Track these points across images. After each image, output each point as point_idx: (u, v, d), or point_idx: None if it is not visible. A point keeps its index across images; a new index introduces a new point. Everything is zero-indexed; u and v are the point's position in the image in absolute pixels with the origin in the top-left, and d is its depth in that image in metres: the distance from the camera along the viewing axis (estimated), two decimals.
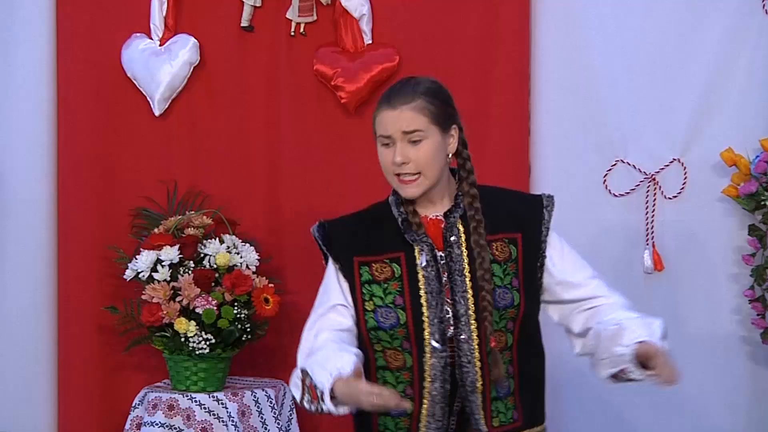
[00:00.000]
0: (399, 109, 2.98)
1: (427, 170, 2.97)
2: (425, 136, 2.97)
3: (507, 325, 2.99)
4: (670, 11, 4.52)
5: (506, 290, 2.99)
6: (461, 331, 2.95)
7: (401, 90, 3.02)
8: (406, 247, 3.01)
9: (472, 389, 2.96)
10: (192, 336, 4.31)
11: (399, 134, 2.97)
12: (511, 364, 3.02)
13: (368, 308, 3.01)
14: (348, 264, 3.06)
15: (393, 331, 2.99)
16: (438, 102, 3.00)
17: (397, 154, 2.96)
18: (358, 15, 4.63)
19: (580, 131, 4.58)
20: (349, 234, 3.09)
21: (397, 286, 3.00)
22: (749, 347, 4.48)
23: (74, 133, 4.82)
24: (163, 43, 4.76)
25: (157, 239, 4.43)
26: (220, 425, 4.31)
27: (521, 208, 3.08)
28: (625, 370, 2.91)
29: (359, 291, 3.03)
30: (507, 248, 3.01)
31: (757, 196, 4.31)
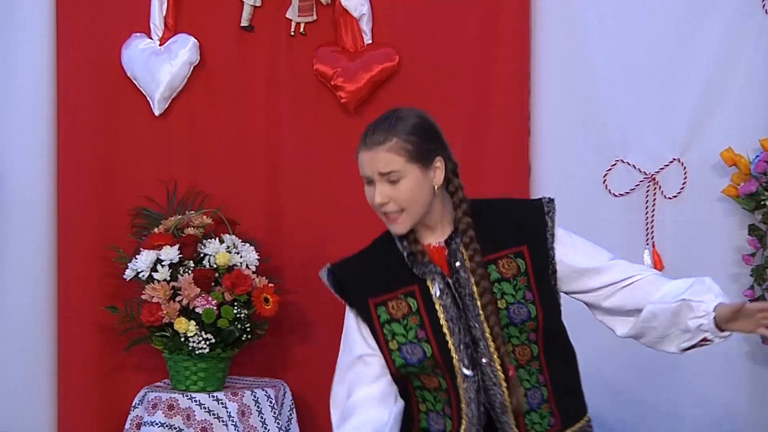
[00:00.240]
0: (374, 150, 2.93)
1: (409, 207, 2.94)
2: (403, 175, 2.92)
3: (529, 337, 2.97)
4: (670, 11, 4.52)
5: (521, 305, 2.96)
6: (482, 355, 2.94)
7: (376, 130, 2.96)
8: (417, 279, 2.99)
9: (502, 411, 2.95)
10: (192, 336, 4.31)
11: (376, 175, 2.94)
12: (541, 373, 3.00)
13: (393, 348, 2.98)
14: (364, 308, 3.02)
15: (422, 365, 2.97)
16: (416, 138, 2.94)
17: (376, 195, 2.93)
18: (357, 15, 4.63)
19: (580, 131, 4.58)
20: (359, 276, 3.05)
21: (416, 321, 2.97)
22: (749, 348, 4.48)
23: (74, 132, 4.82)
24: (163, 43, 4.76)
25: (157, 239, 4.43)
26: (219, 425, 4.31)
27: (523, 218, 3.03)
28: (705, 338, 2.96)
29: (380, 332, 3.00)
30: (514, 263, 2.98)
31: (757, 195, 4.31)
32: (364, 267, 3.06)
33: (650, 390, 4.52)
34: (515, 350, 2.97)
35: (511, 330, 2.95)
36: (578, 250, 3.04)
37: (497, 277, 2.97)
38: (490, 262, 2.97)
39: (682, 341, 2.99)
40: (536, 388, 3.00)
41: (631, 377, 4.52)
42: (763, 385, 4.47)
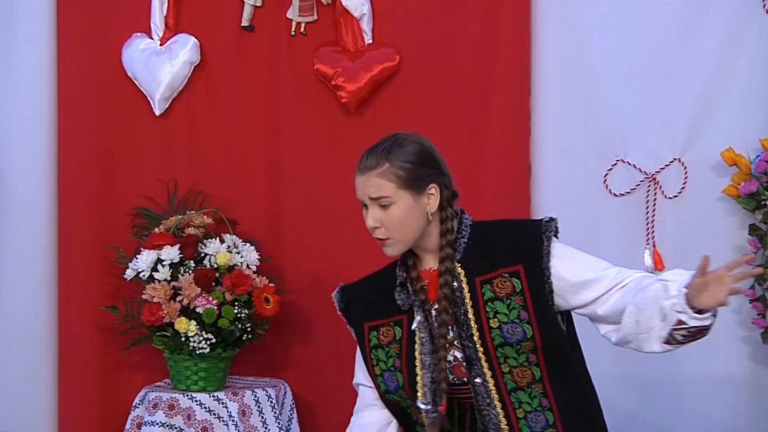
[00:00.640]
0: (366, 175, 2.98)
1: (397, 234, 2.96)
2: (393, 201, 2.95)
3: (528, 358, 2.96)
4: (670, 11, 4.52)
5: (515, 325, 2.95)
6: (476, 374, 2.95)
7: (370, 155, 2.99)
8: (408, 310, 3.03)
9: (496, 429, 2.96)
10: (192, 335, 4.31)
11: (367, 200, 2.98)
12: (545, 397, 2.98)
13: (377, 372, 3.06)
14: (360, 330, 3.10)
15: (398, 393, 3.03)
16: (410, 165, 2.96)
17: (368, 218, 2.98)
18: (358, 14, 4.63)
19: (580, 131, 4.58)
20: (363, 299, 3.12)
21: (396, 349, 3.03)
22: (749, 347, 4.48)
23: (75, 132, 4.82)
24: (163, 43, 4.76)
25: (157, 239, 4.43)
26: (220, 425, 4.31)
27: (520, 239, 3.02)
28: (681, 321, 2.81)
29: (369, 356, 3.08)
30: (509, 282, 2.97)
31: (758, 195, 4.31)
32: (369, 291, 3.12)
33: (649, 390, 4.52)
34: (513, 371, 2.96)
35: (506, 350, 2.95)
36: (575, 263, 3.00)
37: (491, 296, 2.97)
38: (485, 282, 2.98)
39: (661, 329, 2.85)
40: (538, 412, 2.98)
41: (630, 378, 4.52)
42: (763, 385, 4.47)
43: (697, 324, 2.82)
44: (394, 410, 3.12)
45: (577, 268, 2.99)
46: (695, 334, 2.85)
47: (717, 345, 4.47)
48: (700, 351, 4.44)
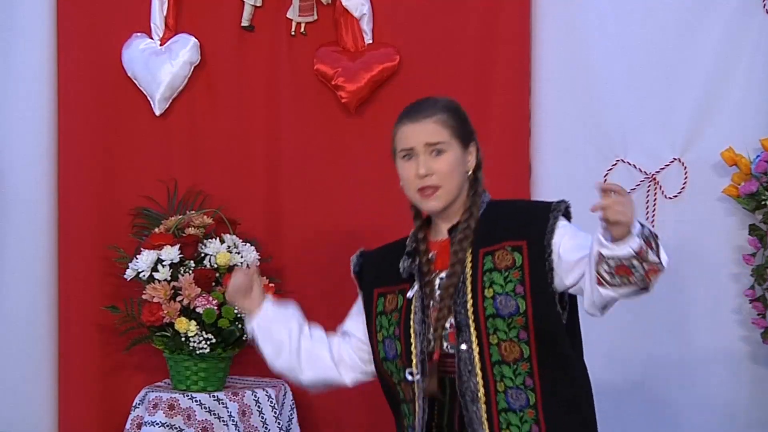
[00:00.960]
0: (421, 122, 3.03)
1: (447, 182, 3.01)
2: (447, 148, 3.01)
3: (519, 335, 2.95)
4: (670, 11, 4.52)
5: (509, 297, 2.96)
6: (463, 340, 2.95)
7: (421, 105, 3.07)
8: (412, 279, 3.06)
9: (472, 398, 2.95)
10: (192, 336, 4.31)
11: (422, 146, 3.01)
12: (530, 376, 2.96)
13: (379, 339, 3.09)
14: (369, 296, 3.14)
15: (395, 362, 3.04)
16: (458, 118, 3.05)
17: (420, 166, 3.00)
18: (358, 14, 4.63)
19: (580, 131, 4.58)
20: (376, 265, 3.17)
21: (396, 317, 3.05)
22: (750, 347, 4.48)
23: (75, 132, 4.82)
24: (163, 43, 4.76)
25: (157, 239, 4.43)
26: (220, 425, 4.31)
27: (528, 216, 3.05)
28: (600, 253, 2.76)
29: (374, 322, 3.10)
30: (510, 256, 2.99)
31: (758, 195, 4.31)
32: (384, 258, 3.15)
33: (649, 390, 4.53)
34: (501, 344, 2.96)
35: (497, 322, 2.95)
36: (572, 242, 2.98)
37: (490, 266, 2.99)
38: (488, 253, 3.00)
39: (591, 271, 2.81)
40: (520, 390, 2.96)
41: (630, 378, 4.52)
42: (763, 385, 4.47)
43: (609, 253, 2.76)
44: (387, 388, 3.13)
45: (572, 247, 2.97)
46: (617, 271, 2.78)
47: (717, 345, 4.47)
48: (699, 350, 4.47)
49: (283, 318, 3.23)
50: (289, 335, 3.20)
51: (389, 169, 4.61)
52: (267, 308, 3.22)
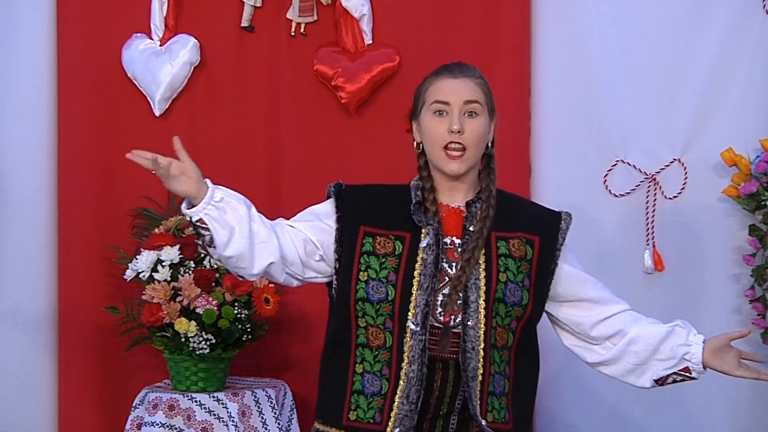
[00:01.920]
0: (462, 80, 3.02)
1: (473, 147, 2.99)
2: (481, 112, 3.02)
3: (511, 324, 3.00)
4: (670, 11, 4.52)
5: (518, 287, 2.99)
6: (469, 317, 2.95)
7: (461, 65, 3.07)
8: (414, 229, 3.01)
9: (473, 375, 2.95)
10: (192, 336, 4.31)
11: (459, 103, 2.99)
12: (508, 365, 3.02)
13: (361, 278, 3.00)
14: (352, 230, 3.04)
15: (379, 306, 2.98)
16: (489, 89, 3.07)
17: (454, 123, 2.97)
18: (358, 15, 4.63)
19: (580, 131, 4.58)
20: (364, 202, 3.08)
21: (394, 263, 2.99)
22: (749, 347, 4.46)
23: (75, 133, 4.82)
24: (163, 44, 4.76)
25: (157, 239, 4.43)
26: (220, 425, 4.31)
27: (541, 216, 3.11)
28: (687, 369, 3.06)
29: (357, 260, 3.02)
30: (524, 247, 3.03)
31: (758, 196, 4.31)
32: (372, 197, 3.09)
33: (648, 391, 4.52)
34: (497, 329, 2.99)
35: (500, 307, 2.98)
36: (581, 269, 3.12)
37: (505, 252, 3.01)
38: (502, 238, 3.01)
39: (661, 369, 3.08)
40: (501, 376, 3.01)
41: None
42: (763, 386, 4.47)
43: (695, 376, 3.09)
44: (340, 324, 3.04)
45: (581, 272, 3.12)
46: (683, 380, 3.12)
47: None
48: None
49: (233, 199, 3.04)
50: (240, 219, 2.98)
51: (390, 169, 4.61)
52: (214, 190, 3.02)
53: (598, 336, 3.11)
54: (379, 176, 4.59)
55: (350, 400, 3.02)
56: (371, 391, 2.99)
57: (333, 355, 3.06)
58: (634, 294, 4.48)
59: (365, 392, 2.99)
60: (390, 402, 2.96)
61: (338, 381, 3.02)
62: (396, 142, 3.27)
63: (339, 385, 3.02)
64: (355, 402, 3.01)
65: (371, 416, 2.98)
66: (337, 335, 3.05)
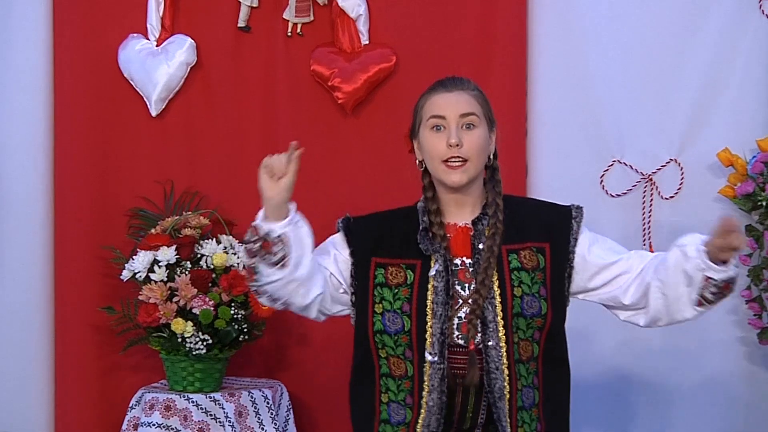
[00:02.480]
0: (457, 93, 3.03)
1: (474, 158, 2.99)
2: (478, 123, 3.01)
3: (534, 335, 2.99)
4: (666, 12, 4.52)
5: (534, 298, 2.98)
6: (489, 337, 2.95)
7: (455, 79, 3.07)
8: (423, 256, 3.01)
9: (500, 395, 2.96)
10: (189, 336, 4.31)
11: (455, 117, 3.00)
12: (536, 376, 3.01)
13: (377, 311, 3.02)
14: (365, 262, 3.05)
15: (397, 337, 2.99)
16: (486, 100, 3.07)
17: (452, 136, 2.97)
18: (354, 15, 4.63)
19: (576, 132, 4.58)
20: (372, 233, 3.08)
21: (407, 293, 3.00)
22: (746, 348, 4.48)
23: (71, 133, 4.81)
24: (159, 44, 4.76)
25: (153, 240, 4.43)
26: (217, 426, 4.31)
27: (550, 218, 3.08)
28: (708, 277, 2.92)
29: (371, 292, 3.03)
30: (535, 257, 3.01)
31: (754, 196, 4.31)
32: (381, 227, 3.09)
33: (646, 389, 4.52)
34: (520, 343, 2.98)
35: (519, 321, 2.97)
36: (599, 246, 3.08)
37: (517, 265, 3.00)
38: (512, 251, 3.00)
39: (691, 293, 2.95)
40: (530, 388, 3.00)
41: (625, 378, 4.52)
42: (759, 386, 4.48)
43: (723, 276, 2.92)
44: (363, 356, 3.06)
45: (600, 251, 3.07)
46: (723, 289, 2.94)
47: (713, 346, 4.48)
48: (696, 351, 4.47)
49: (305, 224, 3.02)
50: (309, 245, 2.97)
51: (386, 170, 4.64)
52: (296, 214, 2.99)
53: (634, 301, 3.04)
54: (375, 176, 4.64)
55: (378, 429, 3.06)
56: (396, 420, 3.02)
57: (360, 384, 3.10)
58: None
59: (391, 421, 3.03)
60: (413, 431, 2.99)
61: (367, 409, 3.06)
62: (392, 143, 3.28)
63: (368, 415, 3.07)
64: (383, 430, 3.05)
65: None
66: (363, 364, 3.08)
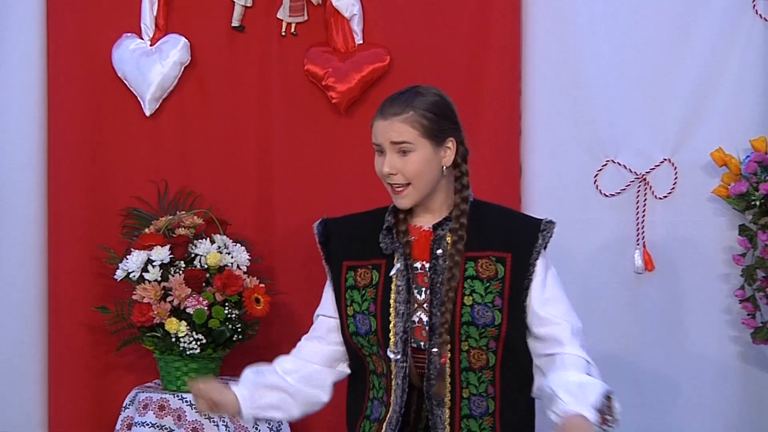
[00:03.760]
0: (389, 120, 3.00)
1: (416, 181, 3.00)
2: (413, 148, 2.99)
3: (488, 344, 2.99)
4: (660, 11, 4.52)
5: (486, 308, 2.98)
6: (435, 344, 2.96)
7: (395, 101, 3.03)
8: (388, 256, 3.04)
9: (438, 403, 2.97)
10: (183, 336, 4.31)
11: (388, 144, 3.00)
12: (492, 385, 3.02)
13: (349, 313, 3.06)
14: (337, 267, 3.10)
15: (368, 338, 3.03)
16: (432, 116, 3.01)
17: (385, 165, 3.00)
18: (348, 15, 4.63)
19: (570, 132, 4.58)
20: (345, 236, 3.12)
21: (372, 294, 3.04)
22: (740, 347, 4.48)
23: (65, 133, 4.81)
24: (153, 43, 4.76)
25: (147, 239, 4.43)
26: (210, 425, 4.31)
27: (516, 229, 3.07)
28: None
29: (343, 296, 3.08)
30: (493, 266, 3.01)
31: (748, 196, 4.31)
32: (353, 230, 3.13)
33: (639, 389, 4.53)
34: (470, 352, 2.99)
35: (470, 330, 2.97)
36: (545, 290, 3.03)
37: (473, 273, 3.00)
38: (471, 258, 3.01)
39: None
40: (482, 397, 3.01)
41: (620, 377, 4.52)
42: (753, 385, 4.48)
43: None
44: (352, 355, 3.12)
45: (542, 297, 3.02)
46: None
47: (707, 345, 4.48)
48: (690, 351, 4.47)
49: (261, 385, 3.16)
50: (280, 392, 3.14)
51: None
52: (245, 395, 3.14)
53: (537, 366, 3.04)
54: (370, 176, 4.62)
55: (361, 423, 3.10)
56: (374, 416, 3.06)
57: (356, 382, 3.14)
58: (624, 294, 4.51)
59: (371, 417, 3.07)
60: (380, 428, 3.03)
61: (358, 406, 3.11)
62: None
63: (358, 409, 3.11)
64: (362, 427, 3.09)
65: None
66: (356, 363, 3.13)
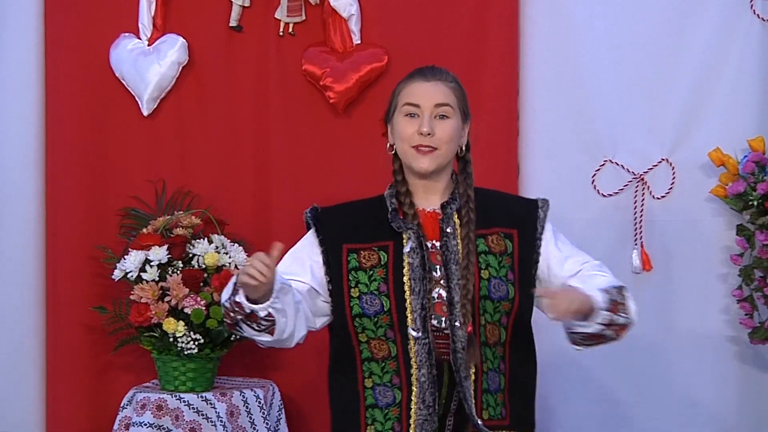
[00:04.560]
0: (434, 83, 3.06)
1: (443, 148, 3.04)
2: (452, 114, 3.06)
3: (501, 319, 3.02)
4: (658, 11, 4.53)
5: (501, 282, 3.02)
6: (455, 318, 2.97)
7: (434, 69, 3.10)
8: (395, 237, 3.05)
9: (466, 375, 2.97)
10: (180, 336, 4.31)
11: (429, 106, 3.04)
12: (503, 361, 3.05)
13: (353, 295, 3.03)
14: (336, 250, 3.08)
15: (377, 318, 3.01)
16: (462, 93, 3.10)
17: (424, 124, 3.02)
18: (346, 15, 4.63)
19: (568, 131, 4.58)
20: (341, 221, 3.13)
21: (382, 273, 3.03)
22: (737, 347, 4.49)
23: (63, 133, 4.81)
24: (151, 43, 4.75)
25: (145, 239, 4.43)
26: (208, 425, 4.31)
27: (517, 207, 3.15)
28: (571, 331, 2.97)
29: (345, 278, 3.06)
30: (503, 242, 3.06)
31: (745, 196, 4.32)
32: (349, 215, 3.15)
33: (636, 387, 4.53)
34: (486, 327, 3.01)
35: (486, 304, 3.01)
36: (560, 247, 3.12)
37: (485, 249, 3.04)
38: (480, 236, 3.05)
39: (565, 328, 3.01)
40: (496, 373, 3.03)
41: (617, 376, 4.53)
42: (751, 385, 4.48)
43: (580, 331, 2.95)
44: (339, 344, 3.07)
45: (561, 252, 3.11)
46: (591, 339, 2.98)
47: (705, 345, 4.48)
48: (688, 351, 4.48)
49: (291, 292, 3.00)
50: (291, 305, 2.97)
51: (378, 169, 4.63)
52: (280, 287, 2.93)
53: None
54: (367, 175, 4.62)
55: (365, 415, 3.05)
56: (385, 402, 3.02)
57: (340, 375, 3.09)
58: None
59: (379, 404, 3.03)
60: (407, 409, 2.99)
61: (350, 399, 3.05)
62: (384, 142, 3.28)
63: (351, 403, 3.05)
64: (371, 416, 3.04)
65: (390, 427, 3.01)
66: (341, 354, 3.08)
